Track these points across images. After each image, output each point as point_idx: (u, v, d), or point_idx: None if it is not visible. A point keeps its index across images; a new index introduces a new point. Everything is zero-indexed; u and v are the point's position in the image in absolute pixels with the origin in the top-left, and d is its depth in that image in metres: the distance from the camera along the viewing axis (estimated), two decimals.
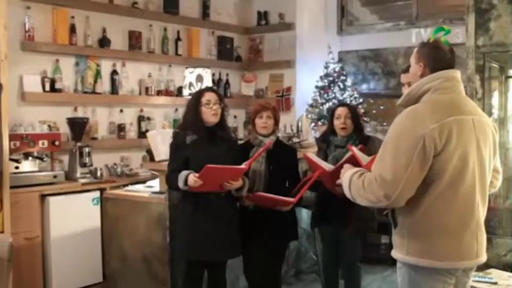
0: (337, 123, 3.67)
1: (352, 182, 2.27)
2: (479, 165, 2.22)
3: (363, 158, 2.62)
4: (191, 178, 3.08)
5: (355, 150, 2.60)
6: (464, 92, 2.32)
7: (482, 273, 3.51)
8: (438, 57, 2.27)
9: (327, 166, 3.25)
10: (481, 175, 2.24)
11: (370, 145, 3.46)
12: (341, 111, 3.69)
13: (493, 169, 2.37)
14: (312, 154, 3.49)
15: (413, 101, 2.25)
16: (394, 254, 2.31)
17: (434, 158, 2.12)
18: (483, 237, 2.29)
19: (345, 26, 6.74)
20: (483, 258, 2.29)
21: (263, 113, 3.51)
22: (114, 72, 5.27)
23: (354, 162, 2.58)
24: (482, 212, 2.27)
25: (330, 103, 5.65)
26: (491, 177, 2.35)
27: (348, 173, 2.33)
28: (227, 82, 6.40)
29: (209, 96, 3.29)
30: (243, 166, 3.19)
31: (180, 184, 3.13)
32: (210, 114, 3.26)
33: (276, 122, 3.58)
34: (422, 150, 2.09)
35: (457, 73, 2.29)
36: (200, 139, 3.25)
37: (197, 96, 3.34)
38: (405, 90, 2.51)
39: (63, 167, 4.73)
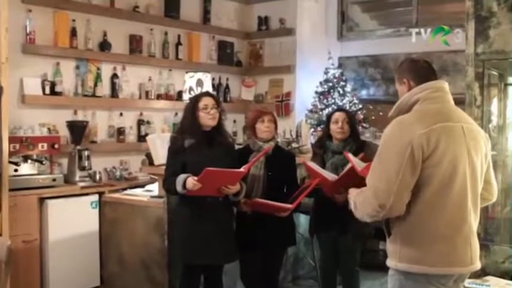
0: (335, 127, 3.67)
1: (355, 202, 2.28)
2: (470, 171, 2.21)
3: (358, 164, 2.65)
4: (190, 181, 3.09)
5: (351, 156, 2.62)
6: (453, 102, 2.32)
7: (479, 281, 3.50)
8: (417, 68, 2.32)
9: (328, 175, 3.26)
10: (473, 181, 2.23)
11: (366, 150, 3.47)
12: (339, 115, 3.70)
13: (485, 181, 2.35)
14: (311, 162, 3.50)
15: (404, 112, 2.27)
16: (388, 262, 2.31)
17: (422, 164, 2.12)
18: (476, 243, 2.27)
19: (345, 32, 6.75)
20: (477, 265, 2.27)
21: (264, 117, 3.51)
22: (114, 76, 5.28)
23: (354, 174, 2.60)
24: (474, 218, 2.26)
25: (330, 109, 5.65)
26: (482, 189, 2.32)
27: (352, 195, 2.34)
28: (227, 87, 6.41)
29: (206, 101, 3.30)
30: (242, 170, 3.19)
31: (178, 188, 3.13)
32: (207, 118, 3.28)
33: (276, 127, 3.59)
34: (411, 156, 2.10)
35: (444, 84, 2.32)
36: (198, 143, 3.26)
37: (194, 101, 3.36)
38: None
39: (62, 170, 4.74)
